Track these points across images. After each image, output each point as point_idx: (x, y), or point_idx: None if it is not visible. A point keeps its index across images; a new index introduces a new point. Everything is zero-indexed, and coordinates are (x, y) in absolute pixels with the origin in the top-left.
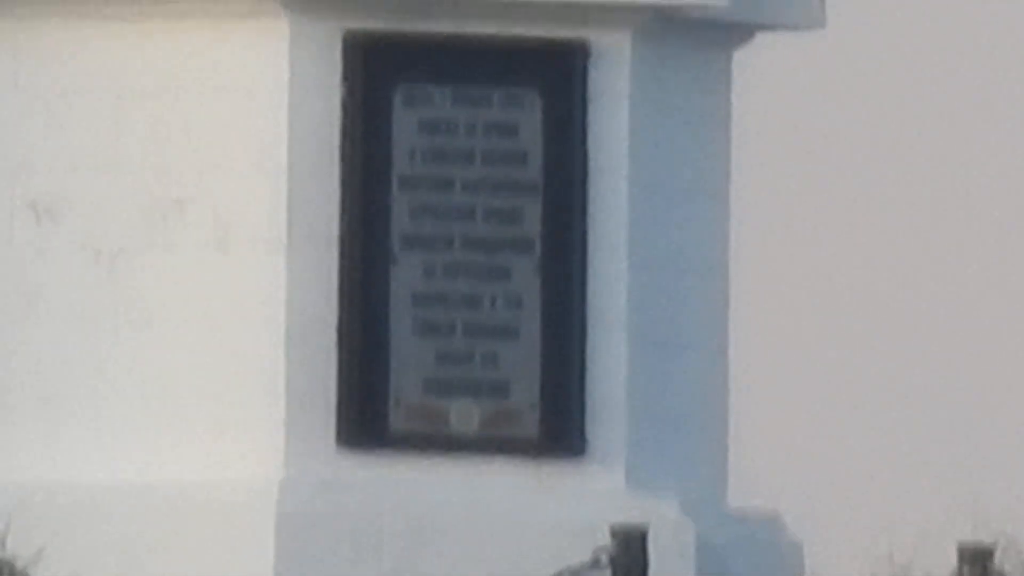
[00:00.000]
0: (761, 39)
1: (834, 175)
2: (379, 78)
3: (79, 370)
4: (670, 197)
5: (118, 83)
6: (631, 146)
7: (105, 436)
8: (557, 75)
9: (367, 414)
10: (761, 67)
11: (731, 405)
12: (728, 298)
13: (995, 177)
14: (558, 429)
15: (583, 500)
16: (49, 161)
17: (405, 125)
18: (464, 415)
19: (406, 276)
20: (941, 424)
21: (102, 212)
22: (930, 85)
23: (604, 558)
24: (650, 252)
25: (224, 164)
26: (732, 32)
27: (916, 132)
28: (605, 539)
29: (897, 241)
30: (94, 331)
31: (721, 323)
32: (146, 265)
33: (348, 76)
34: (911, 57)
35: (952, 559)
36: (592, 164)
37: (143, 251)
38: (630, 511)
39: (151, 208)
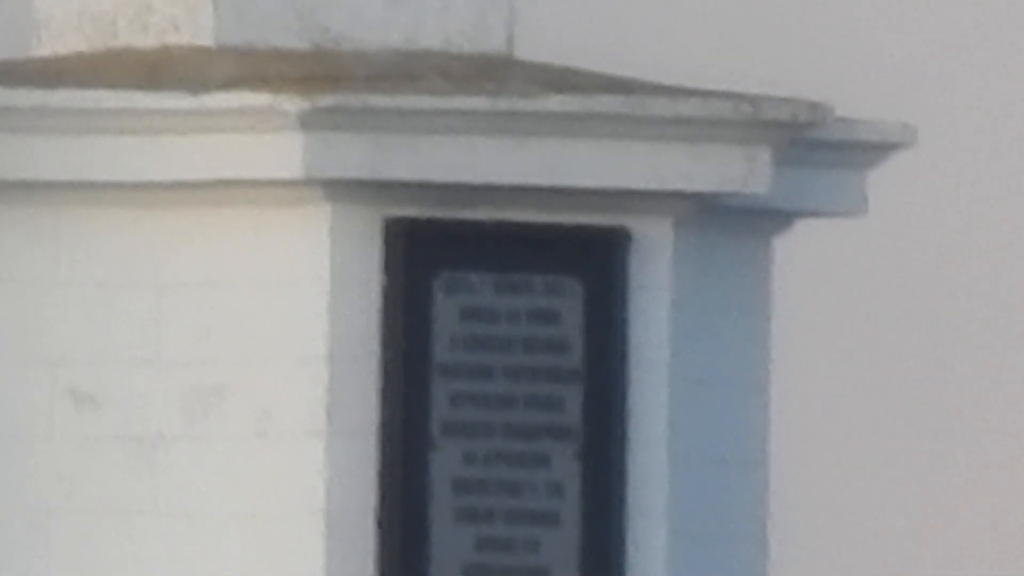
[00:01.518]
0: (802, 226)
1: (875, 364)
2: (420, 265)
3: (118, 556)
4: (709, 386)
5: (158, 273)
6: (672, 335)
7: None
8: (598, 262)
9: None
10: (802, 255)
11: None
12: (768, 490)
13: None
14: None
15: None
16: (89, 351)
17: (445, 312)
18: None
19: (446, 463)
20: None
21: (142, 401)
22: (974, 274)
23: None
24: (690, 441)
25: (264, 352)
26: (772, 220)
27: (960, 321)
28: None
29: (942, 428)
30: (133, 519)
31: (761, 515)
32: (185, 454)
33: (388, 263)
34: (954, 246)
35: None
36: (632, 353)
37: (182, 440)
38: None
39: (190, 397)
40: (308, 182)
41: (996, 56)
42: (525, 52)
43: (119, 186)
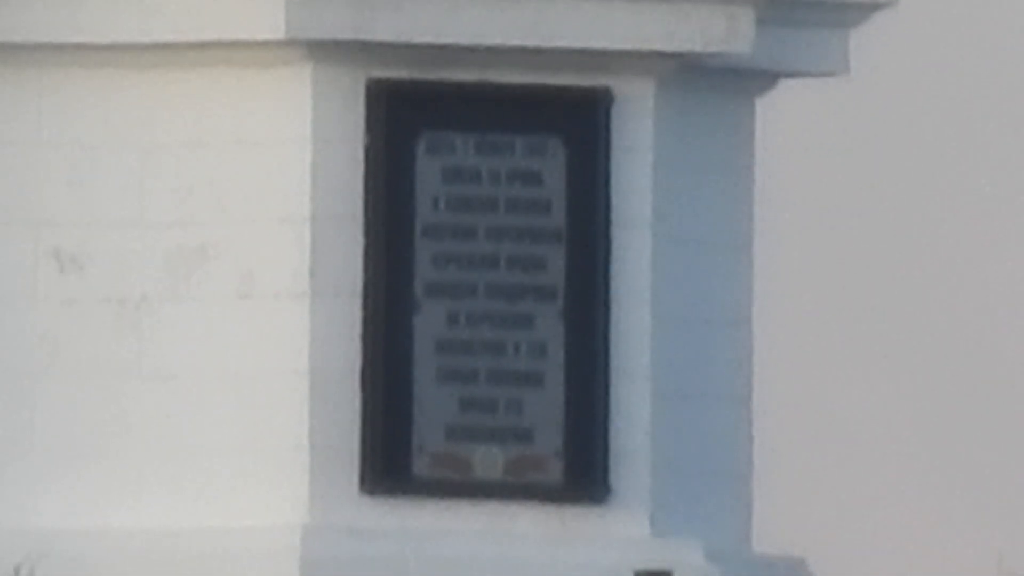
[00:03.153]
0: (784, 86)
1: (858, 223)
2: (402, 126)
3: (103, 418)
4: (693, 246)
5: (141, 134)
6: (654, 194)
7: (129, 484)
8: (580, 123)
9: (391, 461)
10: (784, 114)
11: (755, 452)
12: (752, 346)
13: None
14: (582, 475)
15: (607, 546)
16: (73, 212)
17: (428, 173)
18: (488, 461)
19: (429, 324)
20: (969, 475)
21: (126, 262)
22: (955, 131)
23: None
24: (673, 300)
25: (247, 213)
26: (755, 79)
27: (940, 178)
28: None
29: (925, 289)
30: (117, 380)
31: (745, 372)
32: (169, 315)
33: (371, 124)
34: (935, 103)
35: None
36: (615, 212)
37: (166, 301)
38: (654, 557)
39: (174, 258)
40: (291, 43)
41: None
42: None
43: (103, 48)
